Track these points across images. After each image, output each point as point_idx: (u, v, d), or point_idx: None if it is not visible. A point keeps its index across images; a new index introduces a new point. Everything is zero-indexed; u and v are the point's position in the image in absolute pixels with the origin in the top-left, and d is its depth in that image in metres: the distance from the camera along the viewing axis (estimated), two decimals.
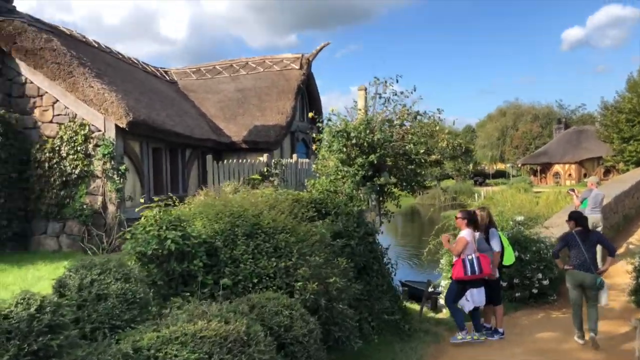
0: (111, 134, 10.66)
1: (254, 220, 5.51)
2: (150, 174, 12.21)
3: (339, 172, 7.45)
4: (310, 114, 8.36)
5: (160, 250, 4.69)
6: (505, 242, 7.16)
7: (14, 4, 11.81)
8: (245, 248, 5.23)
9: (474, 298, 6.65)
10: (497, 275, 6.92)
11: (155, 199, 5.35)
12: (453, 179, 63.13)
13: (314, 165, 8.26)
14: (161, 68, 19.14)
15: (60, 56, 10.85)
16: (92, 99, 10.49)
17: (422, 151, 7.73)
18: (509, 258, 7.10)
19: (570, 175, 54.06)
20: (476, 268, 6.52)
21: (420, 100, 8.06)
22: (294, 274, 5.06)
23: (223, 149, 15.47)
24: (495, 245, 6.88)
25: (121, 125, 10.49)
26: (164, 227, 4.84)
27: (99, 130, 10.73)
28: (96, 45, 14.23)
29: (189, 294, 4.79)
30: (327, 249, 5.81)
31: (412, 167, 7.99)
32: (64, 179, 10.70)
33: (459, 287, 6.77)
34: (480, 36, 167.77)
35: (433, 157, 7.86)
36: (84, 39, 13.70)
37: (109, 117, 10.53)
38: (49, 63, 10.65)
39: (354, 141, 7.19)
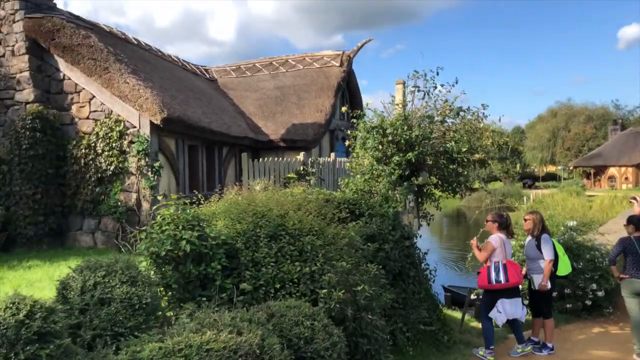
0: (146, 130, 10.57)
1: (278, 221, 5.16)
2: (185, 171, 12.09)
3: (374, 171, 7.01)
4: (344, 108, 7.88)
5: (175, 252, 4.39)
6: (561, 251, 6.53)
7: (54, 1, 11.93)
8: (267, 251, 4.88)
9: (506, 309, 6.08)
10: (549, 286, 6.30)
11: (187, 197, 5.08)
12: (501, 181, 61.28)
13: (347, 164, 7.85)
14: (202, 66, 19.14)
15: (97, 52, 10.85)
16: (127, 95, 10.42)
17: (464, 149, 7.19)
18: (565, 268, 6.45)
19: (626, 178, 51.46)
20: (502, 276, 5.98)
21: (464, 96, 7.52)
22: (319, 280, 4.67)
23: (261, 147, 15.25)
24: (547, 253, 6.28)
25: (155, 122, 10.39)
26: (181, 227, 4.54)
27: (134, 127, 10.66)
28: (135, 43, 14.27)
29: (205, 298, 4.49)
30: (357, 253, 5.40)
31: (454, 166, 7.46)
32: (99, 175, 10.69)
33: (489, 297, 6.23)
34: (531, 36, 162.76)
35: (477, 156, 7.29)
36: (123, 36, 13.75)
37: (144, 114, 10.44)
38: (85, 59, 10.66)
39: (390, 138, 6.73)
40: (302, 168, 12.19)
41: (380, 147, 6.92)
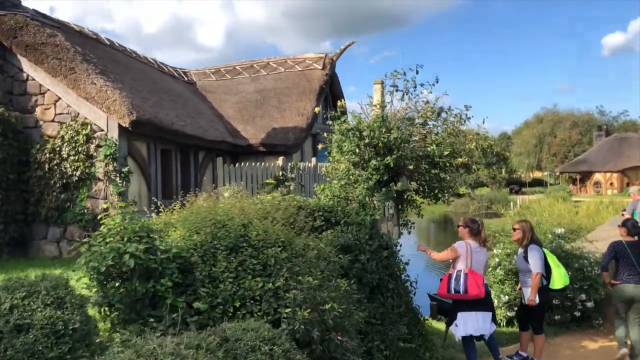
0: (114, 133, 10.04)
1: (239, 232, 4.70)
2: (158, 176, 11.56)
3: (351, 176, 6.57)
4: (317, 109, 7.43)
5: (118, 267, 3.90)
6: (554, 261, 6.09)
7: None
8: (226, 265, 4.42)
9: (466, 323, 5.62)
10: (537, 300, 5.87)
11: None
12: (488, 186, 61.24)
13: (323, 168, 7.42)
14: (180, 69, 18.63)
15: (63, 52, 10.31)
16: (94, 96, 9.90)
17: (446, 153, 6.79)
18: (561, 280, 5.98)
19: (612, 184, 51.73)
20: (461, 286, 5.49)
21: (447, 98, 7.12)
22: (283, 297, 4.21)
23: (240, 152, 14.78)
24: (535, 265, 5.86)
25: (124, 125, 9.87)
26: (126, 239, 4.05)
27: (102, 130, 10.12)
28: (108, 43, 13.75)
29: (154, 319, 4.01)
30: (329, 266, 4.94)
31: (436, 171, 7.05)
32: (64, 181, 10.13)
33: (455, 308, 5.80)
34: (516, 43, 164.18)
35: (460, 160, 6.88)
36: (94, 36, 13.22)
37: (112, 116, 9.92)
38: (50, 59, 10.12)
39: (367, 141, 6.30)
40: (281, 173, 11.74)
41: (357, 150, 6.49)
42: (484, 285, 5.53)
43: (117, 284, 4.08)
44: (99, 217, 4.95)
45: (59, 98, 10.40)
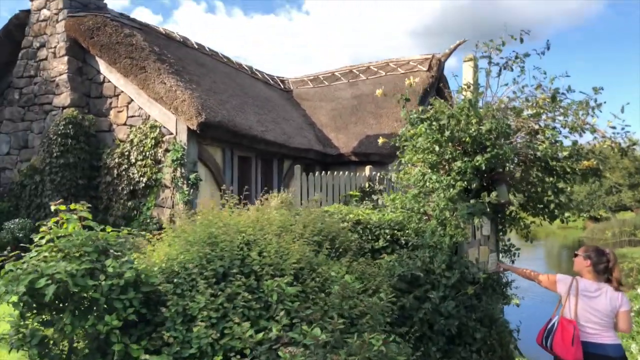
0: (182, 137, 9.29)
1: (235, 252, 3.36)
2: (234, 185, 10.64)
3: (427, 183, 4.96)
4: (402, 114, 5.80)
5: (34, 297, 2.74)
6: None
7: (104, 1, 11.23)
8: (208, 299, 3.10)
9: None
10: None
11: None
12: (632, 211, 54.25)
13: (393, 174, 5.86)
14: (278, 77, 17.97)
15: (137, 51, 9.83)
16: (162, 96, 9.24)
17: (565, 154, 4.94)
18: None
19: None
20: (549, 338, 3.83)
21: (565, 78, 5.24)
22: (283, 355, 2.79)
23: (329, 161, 13.54)
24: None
25: (192, 127, 9.07)
26: (60, 256, 2.90)
27: (171, 134, 9.43)
28: (195, 47, 13.29)
29: None
30: (371, 309, 3.42)
31: (551, 179, 5.20)
32: (131, 187, 9.55)
33: None
34: None
35: (585, 163, 4.97)
36: (181, 40, 12.81)
37: (180, 118, 9.18)
38: (122, 58, 9.67)
39: (447, 134, 4.67)
40: (367, 184, 10.29)
41: (435, 147, 4.88)
42: (578, 345, 3.64)
43: (47, 318, 2.93)
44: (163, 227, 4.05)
45: (131, 100, 9.93)
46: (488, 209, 4.75)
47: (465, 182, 4.74)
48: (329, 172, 10.50)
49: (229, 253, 3.30)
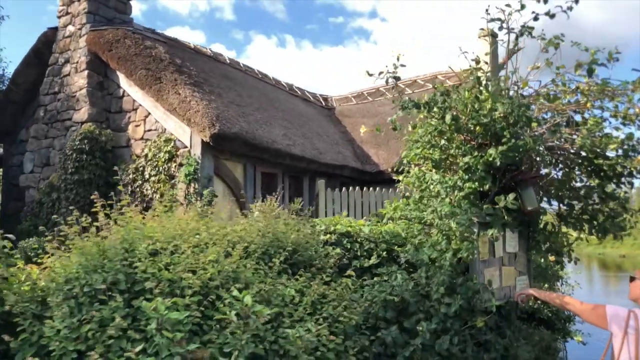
0: (197, 150, 8.71)
1: (121, 265, 2.56)
2: (256, 203, 9.90)
3: (430, 185, 3.98)
4: None
5: None
6: None
7: (131, 17, 11.03)
8: (70, 325, 2.30)
9: None
10: None
11: None
12: None
13: (396, 176, 4.87)
14: (321, 94, 17.35)
15: (154, 62, 9.43)
16: (175, 107, 8.74)
17: (612, 147, 3.82)
18: None
19: None
20: None
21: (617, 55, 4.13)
22: None
23: (367, 179, 12.59)
24: None
25: (205, 139, 8.47)
26: None
27: (185, 147, 8.88)
28: (227, 62, 12.88)
29: None
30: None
31: (597, 181, 4.07)
32: (144, 205, 8.99)
33: None
34: None
35: None
36: (211, 54, 12.43)
37: (194, 130, 8.61)
38: (138, 69, 9.29)
39: (448, 118, 3.69)
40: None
41: (435, 139, 3.90)
42: None
43: None
44: None
45: (149, 113, 9.52)
46: (509, 219, 3.70)
47: (476, 183, 3.72)
48: (357, 188, 9.61)
49: (115, 265, 2.51)
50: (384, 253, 4.18)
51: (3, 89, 12.87)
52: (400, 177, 4.72)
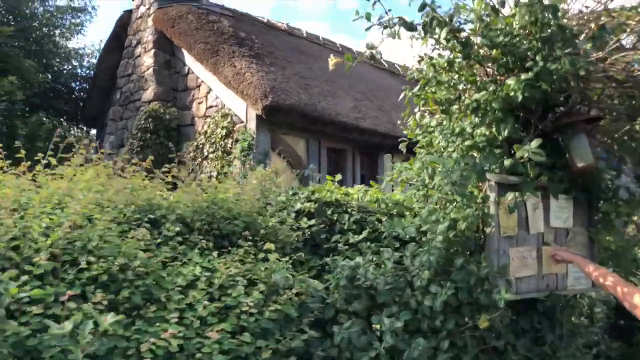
0: (252, 125, 8.21)
1: None
2: (322, 180, 9.20)
3: (435, 133, 2.95)
4: None
5: None
6: None
7: None
8: None
9: None
10: None
11: None
12: None
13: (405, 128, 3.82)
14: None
15: (214, 35, 9.08)
16: (230, 80, 8.32)
17: None
18: None
19: None
20: None
21: None
22: None
23: None
24: None
25: (257, 112, 7.93)
26: None
27: (242, 122, 8.42)
28: (303, 35, 12.24)
29: None
30: None
31: None
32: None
33: None
34: None
35: None
36: (285, 28, 11.85)
37: (248, 103, 8.12)
38: (197, 43, 8.99)
39: (444, 33, 2.64)
40: None
41: (440, 73, 2.88)
42: None
43: None
44: None
45: (210, 89, 9.22)
46: (552, 181, 2.60)
47: (491, 129, 2.67)
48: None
49: None
50: (381, 226, 3.28)
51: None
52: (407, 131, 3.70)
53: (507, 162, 2.71)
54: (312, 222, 3.32)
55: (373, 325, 2.50)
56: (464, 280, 2.57)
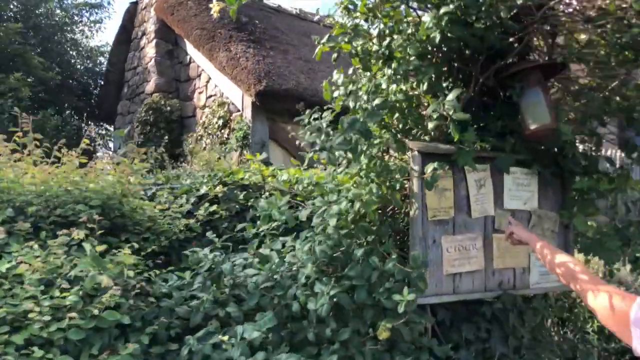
0: (248, 113, 7.77)
1: None
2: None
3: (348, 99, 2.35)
4: None
5: None
6: None
7: None
8: None
9: None
10: None
11: None
12: None
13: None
14: None
15: (212, 21, 8.65)
16: (224, 66, 7.89)
17: None
18: None
19: None
20: None
21: None
22: None
23: None
24: None
25: (251, 98, 7.48)
26: None
27: (238, 111, 8.00)
28: (315, 20, 11.67)
29: None
30: None
31: None
32: None
33: None
34: None
35: None
36: (297, 14, 11.34)
37: (244, 90, 7.68)
38: (194, 29, 8.61)
39: None
40: None
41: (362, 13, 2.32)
42: None
43: None
44: None
45: (209, 78, 8.82)
46: (504, 150, 1.98)
47: (403, 82, 2.07)
48: None
49: None
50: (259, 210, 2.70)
51: None
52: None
53: (430, 125, 2.11)
54: (214, 208, 2.81)
55: (220, 338, 1.97)
56: (362, 276, 2.00)
